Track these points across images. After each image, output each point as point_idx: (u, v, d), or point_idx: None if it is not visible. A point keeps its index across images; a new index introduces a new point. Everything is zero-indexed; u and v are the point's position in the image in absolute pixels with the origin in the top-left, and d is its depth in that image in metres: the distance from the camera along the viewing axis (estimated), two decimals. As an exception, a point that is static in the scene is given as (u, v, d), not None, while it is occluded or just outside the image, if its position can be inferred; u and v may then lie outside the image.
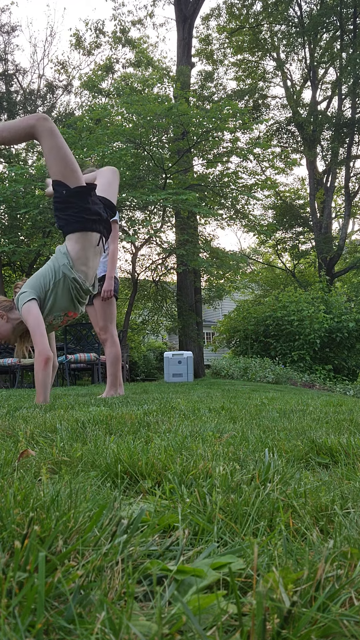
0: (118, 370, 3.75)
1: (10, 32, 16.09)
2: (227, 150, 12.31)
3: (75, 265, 2.81)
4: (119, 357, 3.75)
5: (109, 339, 3.75)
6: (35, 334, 2.73)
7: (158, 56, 26.78)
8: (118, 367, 3.76)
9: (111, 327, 3.77)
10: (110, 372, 3.73)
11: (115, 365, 3.74)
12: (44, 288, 2.83)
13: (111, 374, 3.73)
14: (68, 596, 0.46)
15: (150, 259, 13.88)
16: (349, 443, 1.21)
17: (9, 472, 0.94)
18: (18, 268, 13.88)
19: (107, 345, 3.75)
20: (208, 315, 23.24)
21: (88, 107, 13.50)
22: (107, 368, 3.75)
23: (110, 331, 3.76)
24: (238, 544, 0.61)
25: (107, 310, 3.77)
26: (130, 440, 1.24)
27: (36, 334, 2.72)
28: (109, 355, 3.74)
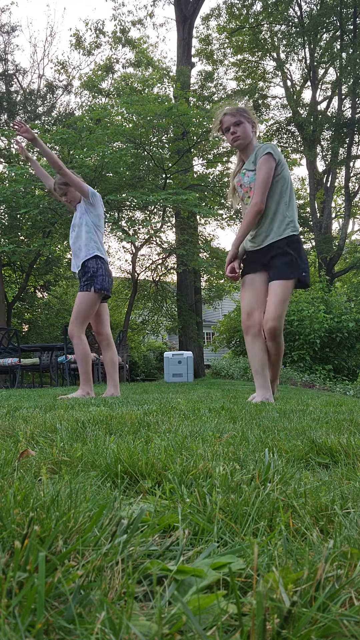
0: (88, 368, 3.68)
1: (10, 32, 16.08)
2: (227, 150, 12.32)
3: None
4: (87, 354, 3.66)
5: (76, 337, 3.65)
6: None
7: (158, 56, 26.79)
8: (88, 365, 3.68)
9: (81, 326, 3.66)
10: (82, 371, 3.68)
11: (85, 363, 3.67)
12: None
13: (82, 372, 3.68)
14: (68, 596, 0.46)
15: (150, 259, 13.89)
16: (349, 443, 1.21)
17: (9, 472, 0.94)
18: (18, 268, 13.88)
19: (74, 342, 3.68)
20: (208, 315, 23.24)
21: (88, 107, 13.50)
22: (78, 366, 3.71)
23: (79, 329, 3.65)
24: (238, 544, 0.61)
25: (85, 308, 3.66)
26: (130, 440, 1.24)
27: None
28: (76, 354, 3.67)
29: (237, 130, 3.12)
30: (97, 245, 3.74)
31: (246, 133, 3.12)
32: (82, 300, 3.66)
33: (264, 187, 3.01)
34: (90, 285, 3.65)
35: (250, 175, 3.10)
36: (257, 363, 3.11)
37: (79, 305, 3.66)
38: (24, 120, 15.48)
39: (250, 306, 3.13)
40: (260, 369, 3.09)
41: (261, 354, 3.10)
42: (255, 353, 3.11)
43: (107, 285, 3.72)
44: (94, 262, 3.70)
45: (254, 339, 3.11)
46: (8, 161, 14.03)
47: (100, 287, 3.66)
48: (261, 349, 3.10)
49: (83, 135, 10.45)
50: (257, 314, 3.10)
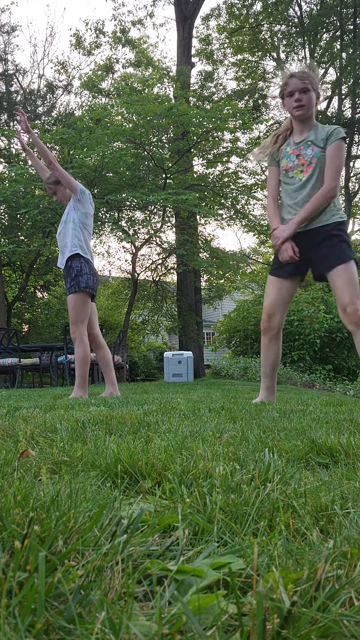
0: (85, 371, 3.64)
1: (10, 32, 16.08)
2: (227, 150, 12.32)
3: None
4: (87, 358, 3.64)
5: (78, 338, 3.63)
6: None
7: (158, 56, 26.78)
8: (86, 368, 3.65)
9: (81, 327, 3.63)
10: (78, 373, 3.65)
11: (83, 366, 3.64)
12: None
13: (78, 375, 3.64)
14: (68, 596, 0.46)
15: (150, 259, 13.89)
16: (349, 443, 1.21)
17: (9, 472, 0.94)
18: (18, 268, 13.88)
19: (75, 344, 3.65)
20: (208, 315, 23.24)
21: (88, 107, 13.50)
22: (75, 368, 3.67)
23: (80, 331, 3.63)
24: (238, 544, 0.61)
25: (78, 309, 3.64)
26: (130, 440, 1.24)
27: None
28: (76, 356, 3.65)
29: (302, 98, 2.86)
30: (81, 244, 3.67)
31: (311, 103, 2.88)
32: (73, 302, 3.63)
33: (338, 173, 2.83)
34: (76, 285, 3.61)
35: (316, 150, 2.86)
36: (269, 365, 3.05)
37: (73, 308, 3.64)
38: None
39: (272, 308, 3.01)
40: (270, 372, 3.05)
41: (275, 357, 3.04)
42: (269, 355, 3.04)
43: (92, 284, 3.67)
44: (77, 262, 3.65)
45: (270, 341, 3.03)
46: (8, 161, 14.03)
47: (85, 285, 3.61)
48: (275, 353, 3.04)
49: (83, 135, 10.45)
50: (279, 316, 3.01)
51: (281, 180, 3.01)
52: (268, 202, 3.08)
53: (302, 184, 2.89)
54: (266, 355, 3.05)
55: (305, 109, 2.86)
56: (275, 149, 3.02)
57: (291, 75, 2.88)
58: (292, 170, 2.93)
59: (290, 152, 2.95)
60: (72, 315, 3.65)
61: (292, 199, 2.93)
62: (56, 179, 3.73)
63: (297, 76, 2.86)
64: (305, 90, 2.86)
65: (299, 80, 2.85)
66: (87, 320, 3.68)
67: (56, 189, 3.78)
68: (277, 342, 3.02)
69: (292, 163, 2.93)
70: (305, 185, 2.89)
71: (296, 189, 2.91)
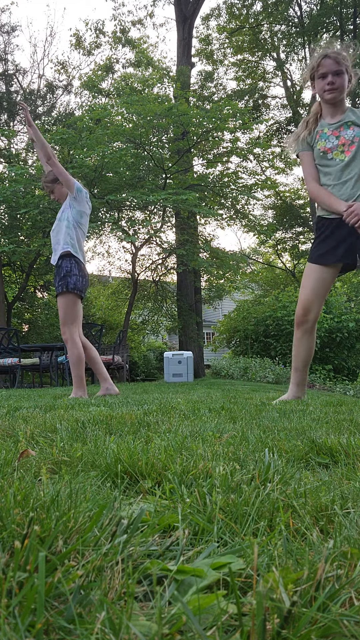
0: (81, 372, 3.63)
1: (10, 32, 16.08)
2: (227, 150, 12.32)
3: None
4: (81, 359, 3.61)
5: (69, 340, 3.59)
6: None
7: (158, 56, 26.77)
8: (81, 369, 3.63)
9: (72, 328, 3.59)
10: (74, 374, 3.63)
11: (78, 367, 3.61)
12: None
13: (75, 376, 3.63)
14: (68, 596, 0.46)
15: (150, 259, 13.89)
16: (349, 443, 1.21)
17: (9, 472, 0.94)
18: (18, 268, 13.88)
19: (68, 346, 3.61)
20: (208, 315, 23.24)
21: (88, 107, 13.50)
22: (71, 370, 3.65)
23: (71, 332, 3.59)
24: (238, 544, 0.61)
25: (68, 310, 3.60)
26: (130, 440, 1.24)
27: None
28: (70, 357, 3.62)
29: (336, 81, 2.70)
30: (73, 242, 3.61)
31: (344, 86, 2.72)
32: (63, 303, 3.59)
33: None
34: (64, 285, 3.56)
35: (358, 130, 2.74)
36: (301, 360, 2.94)
37: (63, 309, 3.60)
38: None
39: (309, 301, 2.83)
40: (302, 367, 2.94)
41: (308, 352, 2.92)
42: (303, 349, 2.92)
43: (81, 285, 3.61)
44: (67, 262, 3.59)
45: (304, 335, 2.88)
46: (8, 161, 14.03)
47: (73, 287, 3.56)
48: (309, 347, 2.92)
49: (83, 135, 10.45)
50: (316, 310, 2.83)
51: (317, 164, 2.86)
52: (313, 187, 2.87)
53: (346, 163, 2.75)
54: (299, 350, 2.92)
55: (337, 93, 2.72)
56: (307, 132, 2.87)
57: (325, 56, 2.70)
58: (331, 151, 2.79)
59: (329, 133, 2.80)
60: (62, 316, 3.61)
61: (334, 179, 2.78)
62: (54, 177, 3.69)
63: (331, 57, 2.69)
64: (339, 73, 2.70)
65: (333, 62, 2.68)
66: (78, 321, 3.63)
67: (54, 187, 3.74)
68: (312, 336, 2.88)
69: (332, 144, 2.78)
70: (349, 164, 2.75)
71: (338, 170, 2.77)
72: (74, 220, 3.65)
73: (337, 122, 2.78)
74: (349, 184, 2.73)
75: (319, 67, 2.72)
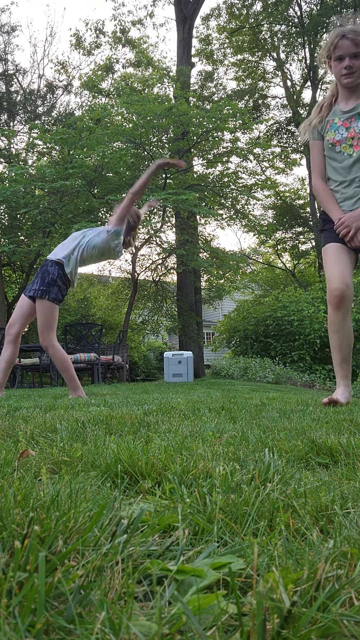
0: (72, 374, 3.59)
1: (10, 32, 16.08)
2: (227, 150, 12.32)
3: None
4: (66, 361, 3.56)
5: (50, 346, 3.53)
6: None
7: (158, 56, 26.77)
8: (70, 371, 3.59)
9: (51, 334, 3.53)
10: (66, 378, 3.60)
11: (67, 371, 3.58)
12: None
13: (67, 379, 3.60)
14: (68, 596, 0.46)
15: (150, 259, 13.89)
16: (349, 443, 1.21)
17: (9, 472, 0.94)
18: (18, 268, 13.88)
19: (50, 353, 3.56)
20: (208, 315, 23.24)
21: (88, 107, 13.50)
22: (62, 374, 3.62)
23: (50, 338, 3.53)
24: (238, 544, 0.61)
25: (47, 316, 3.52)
26: (130, 440, 1.24)
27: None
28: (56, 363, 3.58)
29: (354, 64, 2.52)
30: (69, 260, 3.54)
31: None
32: (43, 309, 3.52)
33: None
34: (45, 293, 3.49)
35: None
36: (346, 347, 2.55)
37: (43, 315, 3.53)
38: (24, 120, 15.50)
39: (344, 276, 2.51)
40: (349, 356, 2.58)
41: (352, 336, 2.56)
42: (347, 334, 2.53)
43: (61, 297, 3.57)
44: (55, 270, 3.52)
45: (346, 315, 2.51)
46: (8, 161, 14.03)
47: (54, 298, 3.51)
48: (351, 331, 2.56)
49: (83, 135, 10.45)
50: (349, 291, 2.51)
51: (326, 155, 2.69)
52: (317, 183, 2.71)
53: (354, 160, 2.58)
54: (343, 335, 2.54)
55: (355, 77, 2.54)
56: (318, 119, 2.69)
57: (342, 36, 2.51)
58: (339, 144, 2.61)
59: (339, 123, 2.62)
60: (42, 322, 3.54)
61: (340, 176, 2.62)
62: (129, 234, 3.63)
63: (349, 38, 2.49)
64: (357, 55, 2.51)
65: (351, 44, 2.49)
66: (55, 327, 3.59)
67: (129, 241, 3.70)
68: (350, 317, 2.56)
69: (340, 136, 2.60)
70: (357, 162, 2.58)
71: (346, 166, 2.60)
72: (87, 247, 3.58)
73: (349, 110, 2.61)
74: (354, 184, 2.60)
75: (335, 49, 2.54)
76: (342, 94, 2.65)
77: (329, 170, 2.69)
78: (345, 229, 2.53)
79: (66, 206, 10.06)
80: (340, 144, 2.60)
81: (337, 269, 2.54)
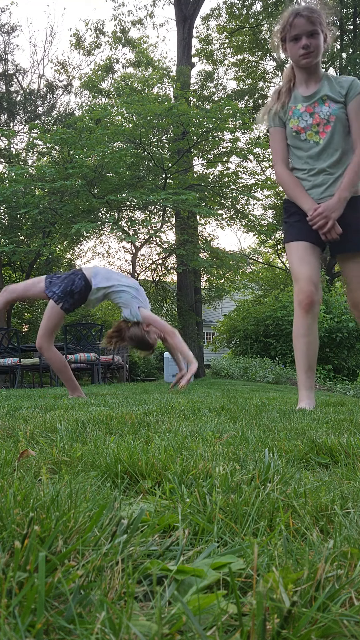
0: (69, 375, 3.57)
1: (10, 32, 16.08)
2: (227, 150, 12.33)
3: None
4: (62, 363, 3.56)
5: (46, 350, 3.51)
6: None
7: (158, 56, 26.77)
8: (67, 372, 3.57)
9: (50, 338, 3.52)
10: (63, 379, 3.59)
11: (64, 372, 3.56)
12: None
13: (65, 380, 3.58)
14: (68, 596, 0.46)
15: (150, 259, 13.90)
16: (349, 443, 1.21)
17: (9, 472, 0.94)
18: (18, 268, 13.88)
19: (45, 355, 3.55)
20: (208, 315, 23.24)
21: (88, 107, 13.50)
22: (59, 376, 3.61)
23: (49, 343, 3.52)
24: (238, 544, 0.61)
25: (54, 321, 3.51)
26: (130, 440, 1.24)
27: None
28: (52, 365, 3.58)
29: (311, 43, 2.35)
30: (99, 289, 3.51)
31: (320, 49, 2.38)
32: (52, 313, 3.50)
33: None
34: (61, 300, 3.46)
35: (334, 107, 2.39)
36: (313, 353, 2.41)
37: (49, 319, 3.50)
38: (24, 120, 15.50)
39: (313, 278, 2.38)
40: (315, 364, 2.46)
41: (317, 345, 2.44)
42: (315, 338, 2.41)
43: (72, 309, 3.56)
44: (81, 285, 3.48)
45: (314, 319, 2.39)
46: (8, 161, 14.03)
47: (67, 307, 3.49)
48: (317, 340, 2.44)
49: (83, 135, 10.45)
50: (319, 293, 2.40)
51: (289, 143, 2.53)
52: (281, 171, 2.52)
53: (321, 148, 2.42)
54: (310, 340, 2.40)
55: (313, 57, 2.38)
56: (279, 105, 2.51)
57: (297, 14, 2.35)
58: (304, 131, 2.45)
59: (302, 109, 2.45)
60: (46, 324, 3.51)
61: (307, 164, 2.45)
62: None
63: (304, 15, 2.34)
64: (314, 34, 2.35)
65: (306, 21, 2.33)
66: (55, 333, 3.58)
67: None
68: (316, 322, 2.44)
69: (305, 123, 2.44)
70: (325, 149, 2.42)
71: (313, 154, 2.44)
72: (116, 295, 3.55)
73: (311, 94, 2.44)
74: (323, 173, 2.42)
75: (290, 28, 2.37)
76: (301, 78, 2.48)
77: (293, 160, 2.53)
78: (322, 220, 2.35)
79: (66, 206, 10.06)
80: (306, 132, 2.45)
81: (306, 270, 2.42)
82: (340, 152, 2.40)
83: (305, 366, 2.42)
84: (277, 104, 2.51)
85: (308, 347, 2.40)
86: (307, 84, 2.47)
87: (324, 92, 2.42)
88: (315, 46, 2.37)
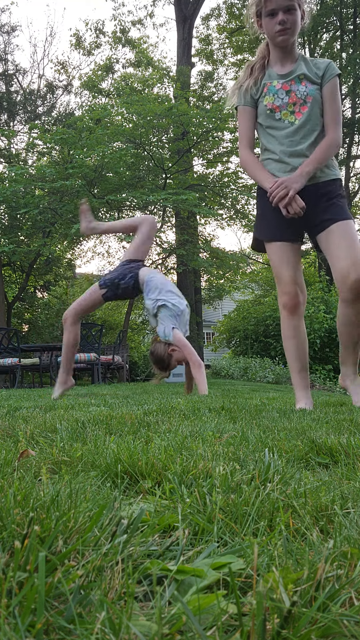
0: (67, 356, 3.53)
1: (10, 32, 16.08)
2: (227, 150, 12.34)
3: None
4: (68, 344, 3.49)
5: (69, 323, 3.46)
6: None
7: (158, 56, 26.78)
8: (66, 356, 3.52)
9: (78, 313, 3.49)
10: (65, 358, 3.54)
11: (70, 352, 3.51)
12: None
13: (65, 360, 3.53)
14: (68, 596, 0.46)
15: (150, 259, 13.89)
16: (349, 443, 1.21)
17: (9, 472, 0.94)
18: (18, 268, 13.88)
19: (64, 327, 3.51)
20: (208, 315, 23.24)
21: (88, 107, 13.50)
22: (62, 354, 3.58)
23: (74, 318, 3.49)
24: (238, 544, 0.61)
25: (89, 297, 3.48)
26: (130, 440, 1.24)
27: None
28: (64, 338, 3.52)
29: (287, 19, 2.22)
30: (155, 302, 3.44)
31: (297, 26, 2.26)
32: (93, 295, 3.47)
33: (341, 119, 2.31)
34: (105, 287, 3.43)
35: (311, 87, 2.29)
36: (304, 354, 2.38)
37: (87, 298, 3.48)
38: (24, 120, 15.50)
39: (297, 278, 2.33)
40: (307, 363, 2.42)
41: (306, 344, 2.39)
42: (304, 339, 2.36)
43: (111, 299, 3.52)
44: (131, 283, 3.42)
45: (301, 319, 2.34)
46: (8, 161, 14.03)
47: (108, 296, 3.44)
48: (306, 339, 2.39)
49: (83, 135, 10.46)
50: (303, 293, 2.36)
51: (261, 123, 2.38)
52: (245, 153, 2.40)
53: (296, 128, 2.29)
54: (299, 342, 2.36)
55: (290, 34, 2.25)
56: (252, 81, 2.35)
57: None
58: (279, 110, 2.31)
59: (279, 86, 2.31)
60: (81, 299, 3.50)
61: (282, 145, 2.32)
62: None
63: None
64: (290, 9, 2.22)
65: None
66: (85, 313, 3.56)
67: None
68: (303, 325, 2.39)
69: (281, 101, 2.30)
70: (299, 130, 2.30)
71: (288, 134, 2.31)
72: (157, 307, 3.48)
73: (287, 73, 2.32)
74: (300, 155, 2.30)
75: (266, 2, 2.21)
76: (275, 56, 2.34)
77: (267, 140, 2.38)
78: (283, 191, 2.20)
79: (66, 206, 10.06)
80: (281, 110, 2.31)
81: (287, 271, 2.35)
82: (316, 135, 2.30)
83: (298, 367, 2.40)
84: (250, 79, 2.36)
85: (297, 347, 2.38)
86: (282, 62, 2.34)
87: (300, 71, 2.31)
88: (293, 22, 2.24)
